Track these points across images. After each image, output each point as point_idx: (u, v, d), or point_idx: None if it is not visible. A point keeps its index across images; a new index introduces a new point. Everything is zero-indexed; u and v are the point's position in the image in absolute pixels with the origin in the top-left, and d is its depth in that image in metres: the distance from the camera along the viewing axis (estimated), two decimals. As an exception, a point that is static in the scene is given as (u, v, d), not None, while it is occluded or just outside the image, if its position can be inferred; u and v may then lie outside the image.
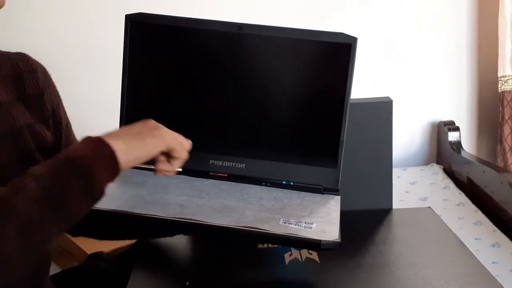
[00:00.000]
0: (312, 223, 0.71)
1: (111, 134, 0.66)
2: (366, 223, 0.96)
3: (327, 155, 0.82)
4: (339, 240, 0.68)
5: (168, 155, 0.72)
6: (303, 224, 0.70)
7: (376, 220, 0.97)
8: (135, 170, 0.85)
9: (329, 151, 0.82)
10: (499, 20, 1.88)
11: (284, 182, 0.85)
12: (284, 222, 0.70)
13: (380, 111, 0.98)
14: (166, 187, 0.82)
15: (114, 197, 0.72)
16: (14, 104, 0.80)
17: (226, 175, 0.87)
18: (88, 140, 0.64)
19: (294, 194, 0.83)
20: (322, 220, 0.73)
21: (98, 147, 0.63)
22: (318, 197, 0.82)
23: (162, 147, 0.70)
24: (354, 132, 0.95)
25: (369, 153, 0.99)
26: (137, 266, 0.82)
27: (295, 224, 0.70)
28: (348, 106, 0.81)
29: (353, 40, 0.79)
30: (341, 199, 0.83)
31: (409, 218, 0.99)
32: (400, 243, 0.92)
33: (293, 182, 0.85)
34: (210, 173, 0.87)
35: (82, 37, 2.01)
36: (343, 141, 0.81)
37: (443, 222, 0.96)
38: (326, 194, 0.83)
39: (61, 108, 0.89)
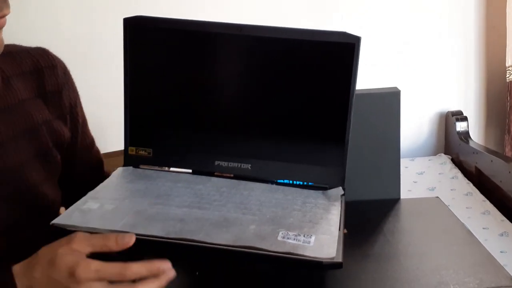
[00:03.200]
0: (311, 236, 0.70)
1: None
2: (374, 213, 0.96)
3: (332, 154, 0.82)
4: (340, 260, 0.67)
5: None
6: (302, 238, 0.69)
7: (384, 210, 0.97)
8: (138, 172, 0.86)
9: (334, 150, 0.81)
10: (507, 10, 1.87)
11: (287, 182, 0.85)
12: (283, 237, 0.69)
13: (388, 101, 0.98)
14: (169, 194, 0.81)
15: (116, 215, 0.70)
16: (33, 100, 0.81)
17: (232, 175, 0.87)
18: None
19: (297, 195, 0.82)
20: (322, 229, 0.73)
21: None
22: (320, 198, 0.82)
23: None
24: (363, 122, 0.96)
25: (377, 143, 0.99)
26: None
27: (294, 239, 0.69)
28: (353, 106, 0.80)
29: (356, 39, 0.78)
30: (349, 189, 0.83)
31: (417, 208, 0.99)
32: (408, 232, 0.93)
33: (298, 182, 0.85)
34: (215, 173, 0.87)
35: (87, 34, 2.03)
36: (348, 140, 0.81)
37: (451, 212, 0.97)
38: (329, 193, 0.83)
39: (79, 104, 0.90)
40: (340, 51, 0.78)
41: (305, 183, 0.84)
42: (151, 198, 0.79)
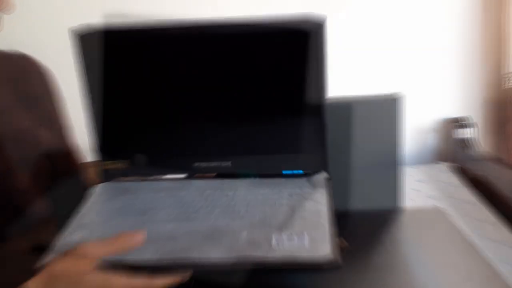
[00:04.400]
0: (304, 235, 0.69)
1: None
2: (374, 222, 0.95)
3: (311, 140, 0.81)
4: (337, 259, 0.66)
5: None
6: (296, 240, 0.69)
7: (385, 220, 0.96)
8: (118, 187, 0.85)
9: (312, 135, 0.81)
10: (508, 18, 1.86)
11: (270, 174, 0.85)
12: (277, 242, 0.68)
13: (390, 107, 0.97)
14: (154, 208, 0.80)
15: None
16: (14, 107, 0.79)
17: (214, 175, 0.86)
18: None
19: (282, 187, 0.82)
20: (313, 224, 0.71)
21: None
22: (305, 186, 0.81)
23: None
24: (363, 130, 0.95)
25: (379, 151, 0.98)
26: None
27: (288, 242, 0.68)
28: (326, 88, 0.79)
29: (322, 19, 0.77)
30: (349, 198, 0.82)
31: (417, 218, 0.98)
32: (408, 243, 0.92)
33: (279, 172, 0.84)
34: (195, 175, 0.86)
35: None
36: (324, 123, 0.79)
37: (451, 222, 0.95)
38: (313, 180, 0.82)
39: (62, 110, 0.89)
40: (307, 33, 0.77)
41: (288, 172, 0.83)
42: (137, 216, 0.78)
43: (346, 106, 0.79)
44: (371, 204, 0.97)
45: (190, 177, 0.84)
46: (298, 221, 0.71)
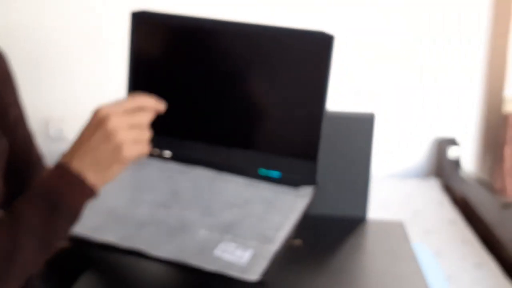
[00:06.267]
0: (248, 250, 0.75)
1: (80, 161, 0.70)
2: (339, 229, 1.02)
3: (306, 148, 0.87)
4: (263, 280, 0.72)
5: None
6: (238, 253, 0.75)
7: (349, 228, 1.03)
8: None
9: (308, 145, 0.86)
10: (509, 43, 1.90)
11: (265, 171, 0.91)
12: (221, 251, 0.75)
13: (363, 124, 1.02)
14: (145, 188, 0.90)
15: (91, 213, 0.76)
16: None
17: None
18: (68, 175, 0.69)
19: (267, 192, 0.87)
20: (268, 239, 0.78)
21: (82, 186, 0.69)
22: (288, 196, 0.86)
23: (123, 168, 0.73)
24: (338, 143, 1.01)
25: (350, 164, 1.04)
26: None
27: (230, 254, 0.75)
28: (326, 101, 0.84)
29: (330, 38, 0.83)
30: (320, 204, 0.88)
31: (379, 230, 1.04)
32: (363, 251, 0.98)
33: (273, 172, 0.90)
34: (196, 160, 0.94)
35: (87, 29, 2.08)
36: (320, 135, 0.85)
37: (407, 237, 1.02)
38: (300, 191, 0.87)
39: (16, 99, 0.90)
40: (316, 48, 0.84)
41: (281, 174, 0.90)
42: (129, 192, 0.90)
43: (328, 118, 0.85)
44: (339, 211, 1.03)
45: (196, 163, 0.92)
46: (256, 233, 0.78)
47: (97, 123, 0.70)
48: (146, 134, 0.73)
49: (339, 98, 1.28)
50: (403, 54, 2.04)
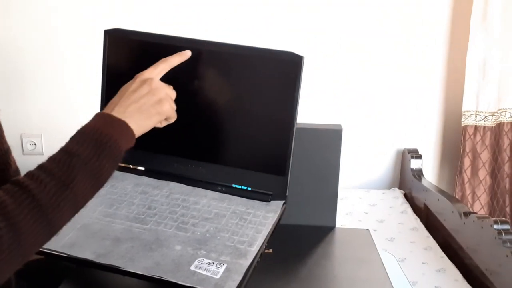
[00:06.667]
0: (222, 265, 0.78)
1: (123, 110, 0.78)
2: (309, 237, 1.06)
3: (277, 164, 0.90)
4: None
5: None
6: (213, 269, 0.78)
7: (318, 236, 1.07)
8: None
9: (279, 160, 0.90)
10: (467, 59, 1.98)
11: (237, 187, 0.94)
12: (196, 267, 0.78)
13: (331, 137, 1.07)
14: (121, 202, 0.92)
15: (65, 228, 0.75)
16: None
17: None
18: (111, 120, 0.76)
19: (240, 206, 0.91)
20: (240, 252, 0.81)
21: (126, 130, 0.76)
22: (260, 211, 0.90)
23: (161, 120, 0.83)
24: (307, 154, 1.05)
25: (319, 175, 1.08)
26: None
27: (205, 269, 0.78)
28: (296, 119, 0.88)
29: (300, 58, 0.87)
30: (290, 214, 0.92)
31: (347, 237, 1.08)
32: (332, 257, 1.02)
33: (245, 187, 0.94)
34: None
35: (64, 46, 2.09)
36: (291, 151, 0.89)
37: (374, 244, 1.06)
38: (271, 206, 0.91)
39: None
40: (287, 67, 0.89)
41: (253, 189, 0.94)
42: (104, 206, 0.92)
43: (297, 130, 0.89)
44: (309, 221, 1.07)
45: (170, 178, 0.95)
46: (229, 249, 0.82)
47: (142, 82, 0.81)
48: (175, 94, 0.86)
49: (306, 110, 1.32)
50: (368, 70, 2.12)
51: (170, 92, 0.84)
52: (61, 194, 0.68)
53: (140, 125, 0.78)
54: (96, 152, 0.72)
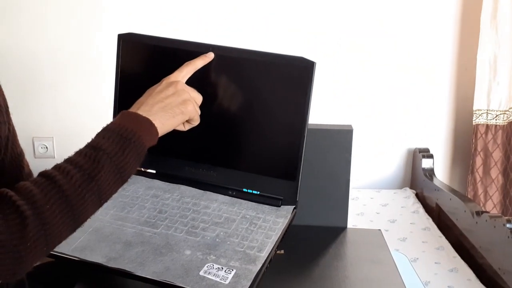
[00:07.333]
0: (231, 271, 0.78)
1: (149, 108, 0.80)
2: (320, 238, 1.06)
3: (288, 169, 0.90)
4: None
5: None
6: (222, 274, 0.78)
7: (330, 237, 1.06)
8: None
9: (290, 165, 0.90)
10: (478, 57, 1.97)
11: (248, 191, 0.94)
12: (205, 272, 0.78)
13: (342, 137, 1.06)
14: (133, 206, 0.92)
15: (77, 232, 0.76)
16: None
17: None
18: (136, 117, 0.78)
19: (250, 211, 0.91)
20: (250, 258, 0.81)
21: (150, 127, 0.78)
22: (270, 215, 0.90)
23: (184, 120, 0.85)
24: (318, 154, 1.05)
25: (330, 175, 1.07)
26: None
27: (214, 275, 0.78)
28: (307, 124, 0.88)
29: (312, 64, 0.87)
30: (302, 214, 0.91)
31: (359, 238, 1.08)
32: (344, 258, 1.02)
33: (255, 192, 0.94)
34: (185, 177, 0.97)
35: (80, 46, 2.11)
36: (301, 156, 0.89)
37: (385, 245, 1.05)
38: (281, 211, 0.91)
39: (8, 124, 0.90)
40: (298, 73, 0.88)
41: (263, 194, 0.93)
42: (116, 210, 0.92)
43: (308, 131, 0.89)
44: (321, 221, 1.07)
45: (181, 181, 0.95)
46: (239, 254, 0.81)
47: (168, 84, 0.84)
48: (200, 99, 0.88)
49: (317, 111, 1.33)
50: (379, 70, 2.11)
51: (195, 96, 0.86)
52: (86, 186, 0.70)
53: (164, 124, 0.80)
54: (121, 147, 0.74)
